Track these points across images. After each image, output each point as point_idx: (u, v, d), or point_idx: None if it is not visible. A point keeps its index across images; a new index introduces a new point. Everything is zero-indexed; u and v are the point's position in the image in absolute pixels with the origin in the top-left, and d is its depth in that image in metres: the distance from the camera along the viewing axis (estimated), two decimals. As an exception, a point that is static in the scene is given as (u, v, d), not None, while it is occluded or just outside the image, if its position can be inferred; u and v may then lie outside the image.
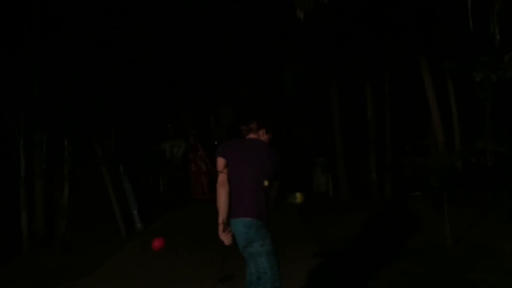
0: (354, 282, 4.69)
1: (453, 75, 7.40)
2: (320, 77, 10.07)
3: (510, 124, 7.58)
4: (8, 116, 6.65)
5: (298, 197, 3.98)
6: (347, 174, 10.64)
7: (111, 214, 7.63)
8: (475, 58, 6.79)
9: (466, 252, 5.52)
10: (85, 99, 7.21)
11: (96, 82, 7.51)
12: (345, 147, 10.89)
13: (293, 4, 4.73)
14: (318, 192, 12.72)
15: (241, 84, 10.63)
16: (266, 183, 3.16)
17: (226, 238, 3.05)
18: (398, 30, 8.35)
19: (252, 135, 3.37)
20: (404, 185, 10.17)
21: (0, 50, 6.46)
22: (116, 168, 8.17)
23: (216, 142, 13.28)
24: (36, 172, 7.11)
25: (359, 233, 7.08)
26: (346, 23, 8.32)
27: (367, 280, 4.71)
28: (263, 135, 3.38)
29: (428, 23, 7.94)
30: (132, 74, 8.89)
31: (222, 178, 3.13)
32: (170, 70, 9.23)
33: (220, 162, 3.16)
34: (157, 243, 3.75)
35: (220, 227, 3.03)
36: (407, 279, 4.67)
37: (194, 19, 7.20)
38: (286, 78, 9.46)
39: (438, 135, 7.98)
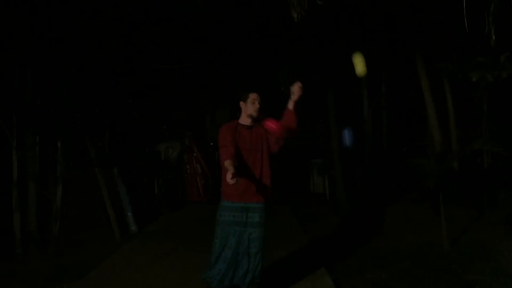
0: (351, 284, 4.66)
1: (450, 75, 7.40)
2: (315, 77, 10.04)
3: (506, 124, 7.58)
4: (0, 117, 6.59)
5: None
6: (344, 175, 10.60)
7: (105, 216, 7.57)
8: (471, 59, 6.78)
9: (463, 254, 5.51)
10: (78, 100, 7.16)
11: (89, 82, 7.45)
12: (341, 148, 10.85)
13: (288, 5, 4.70)
14: (315, 193, 12.69)
15: (236, 84, 10.59)
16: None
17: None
18: (394, 30, 8.34)
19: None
20: (401, 186, 10.13)
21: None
22: (110, 169, 8.11)
23: (211, 144, 13.22)
24: (29, 174, 7.04)
25: (356, 234, 7.05)
26: (341, 22, 8.30)
27: (364, 281, 4.68)
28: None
29: (425, 23, 7.92)
30: (127, 75, 8.84)
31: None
32: (165, 71, 9.18)
33: None
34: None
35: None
36: (404, 280, 4.65)
37: (189, 19, 7.17)
38: (281, 78, 9.43)
39: (435, 135, 7.97)
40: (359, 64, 3.69)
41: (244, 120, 3.97)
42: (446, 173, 5.88)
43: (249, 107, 3.92)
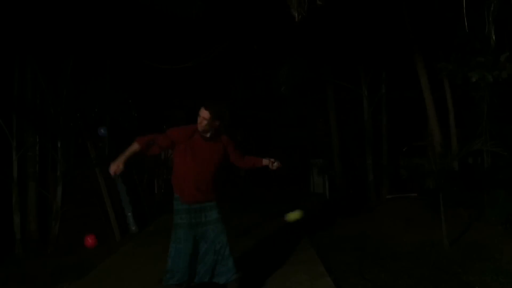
0: (351, 284, 4.65)
1: (449, 75, 7.39)
2: (316, 77, 10.04)
3: (506, 124, 7.58)
4: (0, 117, 6.60)
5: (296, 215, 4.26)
6: (344, 175, 10.61)
7: (105, 216, 7.57)
8: (471, 59, 6.77)
9: (463, 254, 5.50)
10: (78, 100, 7.16)
11: (89, 82, 7.46)
12: (341, 148, 10.86)
13: (288, 5, 4.71)
14: (315, 193, 12.68)
15: (236, 84, 10.59)
16: None
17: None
18: (394, 30, 8.34)
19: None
20: (401, 186, 10.15)
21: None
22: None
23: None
24: (29, 174, 7.04)
25: (355, 234, 7.04)
26: (341, 23, 8.30)
27: (364, 281, 4.68)
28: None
29: (425, 23, 7.93)
30: (126, 75, 8.84)
31: None
32: (165, 71, 9.18)
33: None
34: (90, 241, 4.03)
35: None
36: (403, 280, 4.65)
37: (188, 19, 7.17)
38: (282, 78, 9.43)
39: (435, 135, 7.97)
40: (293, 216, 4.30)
41: (199, 132, 4.03)
42: (446, 173, 5.87)
43: (198, 121, 3.99)
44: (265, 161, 4.26)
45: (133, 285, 4.90)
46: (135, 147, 3.91)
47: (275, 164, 4.22)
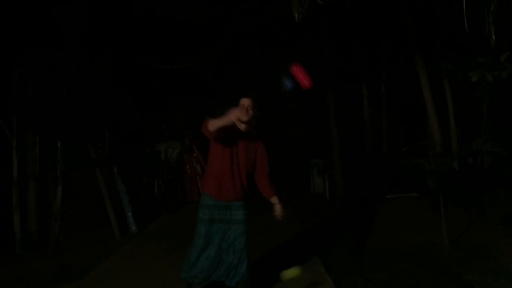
0: (351, 284, 4.65)
1: (449, 75, 7.40)
2: (316, 77, 10.04)
3: (506, 124, 7.58)
4: (0, 117, 6.59)
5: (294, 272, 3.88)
6: (344, 175, 10.61)
7: (105, 216, 7.56)
8: (471, 59, 6.78)
9: (463, 253, 5.50)
10: (78, 100, 7.16)
11: (89, 83, 7.46)
12: (341, 148, 10.86)
13: (289, 5, 4.71)
14: (315, 193, 12.68)
15: (236, 84, 10.60)
16: None
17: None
18: (394, 30, 8.35)
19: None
20: (401, 186, 10.15)
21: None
22: (110, 169, 8.11)
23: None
24: (29, 174, 7.04)
25: (355, 234, 7.04)
26: (342, 23, 8.31)
27: (364, 281, 4.68)
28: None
29: (424, 23, 7.94)
30: (126, 75, 8.84)
31: None
32: (166, 71, 9.18)
33: None
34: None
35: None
36: (403, 280, 4.65)
37: (189, 19, 7.18)
38: (282, 78, 9.42)
39: (435, 135, 7.97)
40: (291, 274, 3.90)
41: (238, 123, 3.87)
42: (446, 173, 5.87)
43: (242, 113, 3.81)
44: (274, 201, 4.24)
45: (133, 285, 4.90)
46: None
47: (279, 213, 4.24)
